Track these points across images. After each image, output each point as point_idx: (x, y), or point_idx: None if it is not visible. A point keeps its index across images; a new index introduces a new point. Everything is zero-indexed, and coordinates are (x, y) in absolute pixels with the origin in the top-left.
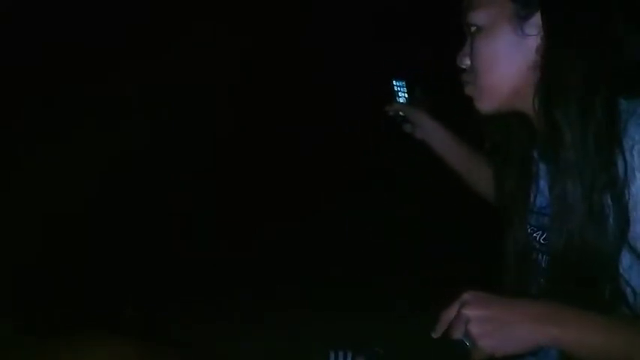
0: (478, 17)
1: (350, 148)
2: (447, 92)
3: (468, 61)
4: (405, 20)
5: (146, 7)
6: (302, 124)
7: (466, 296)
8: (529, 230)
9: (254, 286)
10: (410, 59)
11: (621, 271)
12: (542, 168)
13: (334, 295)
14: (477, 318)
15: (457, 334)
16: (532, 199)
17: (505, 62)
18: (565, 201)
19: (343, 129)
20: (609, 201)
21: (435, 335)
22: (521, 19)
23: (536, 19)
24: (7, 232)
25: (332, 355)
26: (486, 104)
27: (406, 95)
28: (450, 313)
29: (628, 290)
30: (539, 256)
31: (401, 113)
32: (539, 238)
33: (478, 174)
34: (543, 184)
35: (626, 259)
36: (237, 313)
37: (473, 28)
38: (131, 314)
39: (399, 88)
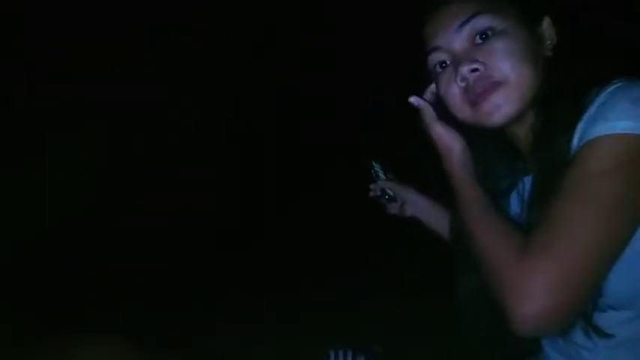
0: (494, 21)
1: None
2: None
3: (479, 66)
4: None
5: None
6: (302, 124)
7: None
8: None
9: (254, 286)
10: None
11: None
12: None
13: (334, 294)
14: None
15: None
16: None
17: (529, 59)
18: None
19: (343, 128)
20: None
21: None
22: (531, 23)
23: (546, 23)
24: (7, 232)
25: (332, 355)
26: (514, 105)
27: (384, 176)
28: None
29: None
30: None
31: (388, 191)
32: None
33: None
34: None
35: None
36: (237, 313)
37: (484, 35)
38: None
39: (377, 168)
